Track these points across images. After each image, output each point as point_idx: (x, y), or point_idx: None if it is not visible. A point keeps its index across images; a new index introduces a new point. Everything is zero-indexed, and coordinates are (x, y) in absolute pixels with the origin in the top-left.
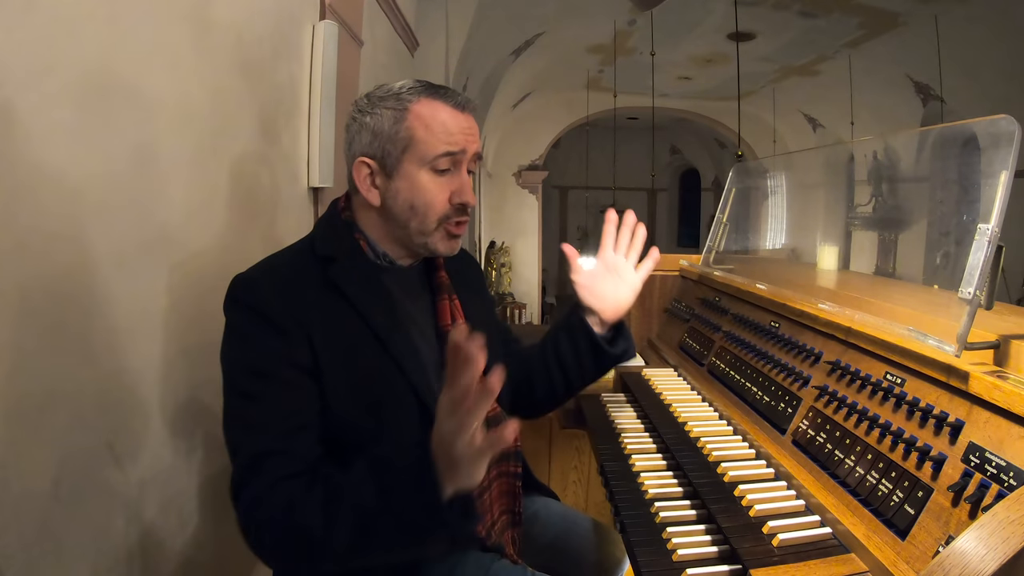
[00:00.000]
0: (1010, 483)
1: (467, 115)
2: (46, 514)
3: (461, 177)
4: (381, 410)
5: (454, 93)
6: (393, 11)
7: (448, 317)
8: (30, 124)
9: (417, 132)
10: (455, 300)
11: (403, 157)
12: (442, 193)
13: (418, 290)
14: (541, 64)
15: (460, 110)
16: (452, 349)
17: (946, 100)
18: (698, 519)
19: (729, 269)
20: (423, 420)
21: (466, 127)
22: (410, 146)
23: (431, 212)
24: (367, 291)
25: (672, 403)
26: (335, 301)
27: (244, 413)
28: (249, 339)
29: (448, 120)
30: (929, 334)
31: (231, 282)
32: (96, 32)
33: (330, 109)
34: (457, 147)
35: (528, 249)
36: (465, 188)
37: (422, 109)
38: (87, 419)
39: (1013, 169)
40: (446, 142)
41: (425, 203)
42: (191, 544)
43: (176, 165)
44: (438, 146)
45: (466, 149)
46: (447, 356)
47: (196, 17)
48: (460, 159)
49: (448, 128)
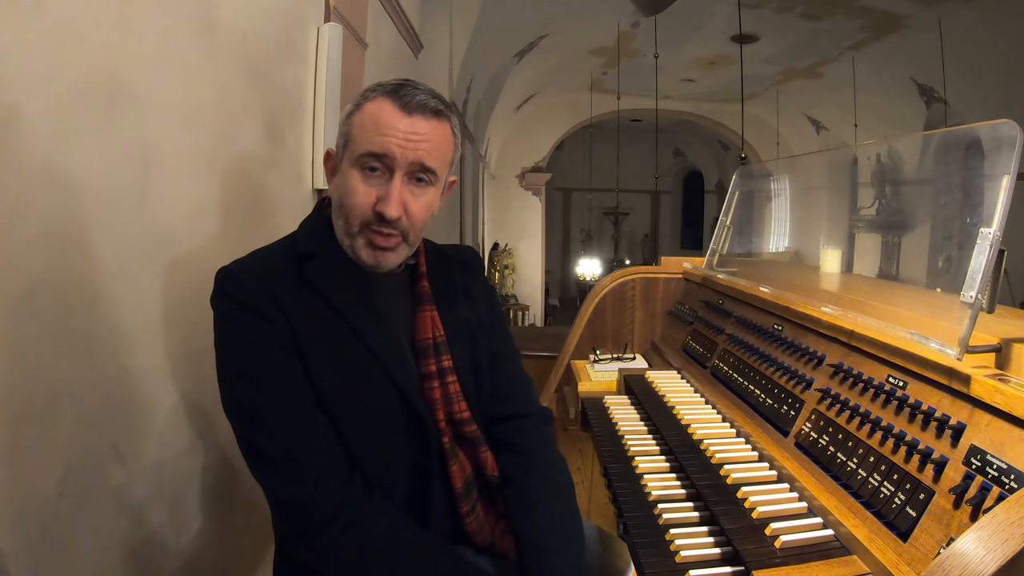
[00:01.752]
0: (1011, 485)
1: (416, 119)
2: (51, 514)
3: (390, 184)
4: (362, 404)
5: (412, 93)
6: (397, 13)
7: (428, 330)
8: (36, 127)
9: (354, 129)
10: (434, 312)
11: (344, 153)
12: (366, 196)
13: (398, 298)
14: (545, 66)
15: (406, 112)
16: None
17: (950, 102)
18: (701, 521)
19: (732, 272)
20: (407, 418)
21: (407, 131)
22: (348, 142)
23: (352, 214)
24: (342, 287)
25: (675, 405)
26: (312, 298)
27: (246, 400)
28: (239, 334)
29: (384, 120)
30: (931, 337)
31: (216, 275)
32: (102, 35)
33: (334, 111)
34: (379, 149)
35: (531, 251)
36: (389, 196)
37: (369, 106)
38: (92, 420)
39: (1015, 173)
40: (370, 141)
41: (348, 203)
42: (195, 544)
43: (181, 167)
44: (363, 144)
45: (391, 153)
46: None
47: (201, 20)
48: (389, 164)
49: (380, 128)
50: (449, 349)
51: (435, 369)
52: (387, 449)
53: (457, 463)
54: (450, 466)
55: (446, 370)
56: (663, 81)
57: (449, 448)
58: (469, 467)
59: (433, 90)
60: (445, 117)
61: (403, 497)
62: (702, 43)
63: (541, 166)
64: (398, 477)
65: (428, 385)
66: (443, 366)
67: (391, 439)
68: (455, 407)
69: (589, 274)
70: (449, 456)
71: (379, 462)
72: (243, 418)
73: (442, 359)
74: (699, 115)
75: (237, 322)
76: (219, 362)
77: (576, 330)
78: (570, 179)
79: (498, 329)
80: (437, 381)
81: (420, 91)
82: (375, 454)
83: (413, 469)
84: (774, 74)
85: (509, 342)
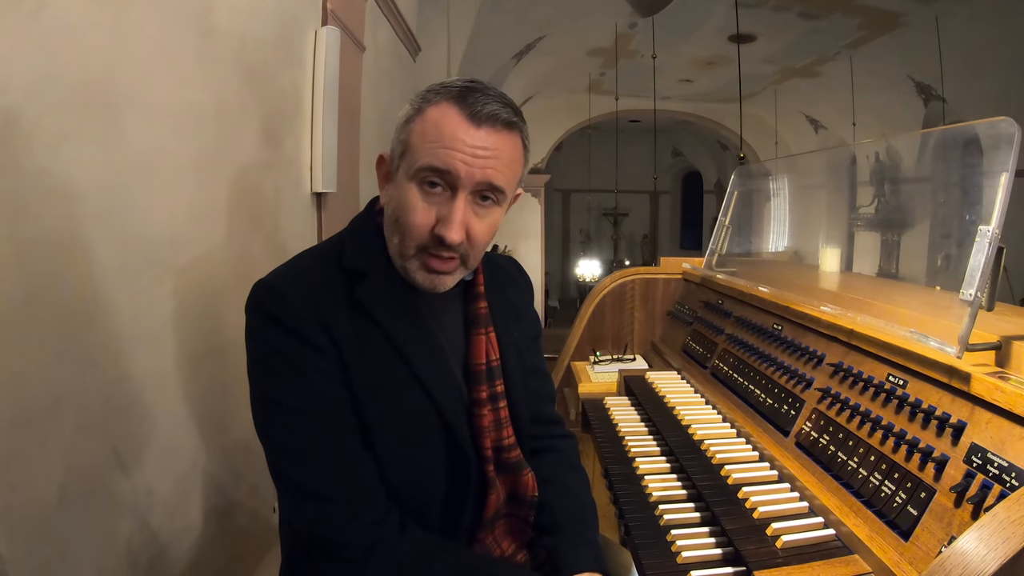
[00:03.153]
0: (1012, 483)
1: (486, 131)
2: (53, 519)
3: (453, 204)
4: (405, 434)
5: (483, 100)
6: (395, 16)
7: (483, 355)
8: (34, 132)
9: (413, 137)
10: (491, 334)
11: (400, 163)
12: (425, 215)
13: (450, 317)
14: (543, 68)
15: (475, 123)
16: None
17: (948, 100)
18: (702, 522)
19: (732, 272)
20: (449, 450)
21: (474, 145)
22: (406, 151)
23: (408, 234)
24: (396, 312)
25: (676, 406)
26: (364, 322)
27: (284, 431)
28: (281, 359)
29: (449, 130)
30: (931, 336)
31: (254, 288)
32: (100, 40)
33: (332, 114)
34: (443, 164)
35: (531, 252)
36: (450, 219)
37: (432, 112)
38: (93, 425)
39: (1013, 171)
40: (432, 155)
41: (405, 222)
42: (195, 549)
43: (179, 171)
44: (423, 156)
45: (455, 170)
46: None
47: (199, 24)
48: (452, 181)
49: (443, 140)
50: (502, 373)
51: (487, 396)
52: (425, 482)
53: (495, 492)
54: (488, 495)
55: (498, 395)
56: (661, 81)
57: (492, 477)
58: (503, 495)
59: (504, 95)
60: (517, 129)
61: (432, 525)
62: (700, 43)
63: (540, 167)
64: (432, 508)
65: (479, 412)
66: (496, 391)
67: (432, 473)
68: (504, 433)
69: (589, 275)
70: (489, 486)
71: (416, 495)
72: (277, 447)
73: (495, 384)
74: (697, 115)
75: (281, 347)
76: (254, 382)
77: (576, 331)
78: (569, 180)
79: (539, 345)
80: (489, 407)
81: (491, 97)
82: (413, 487)
83: (447, 499)
84: (772, 73)
85: (543, 358)
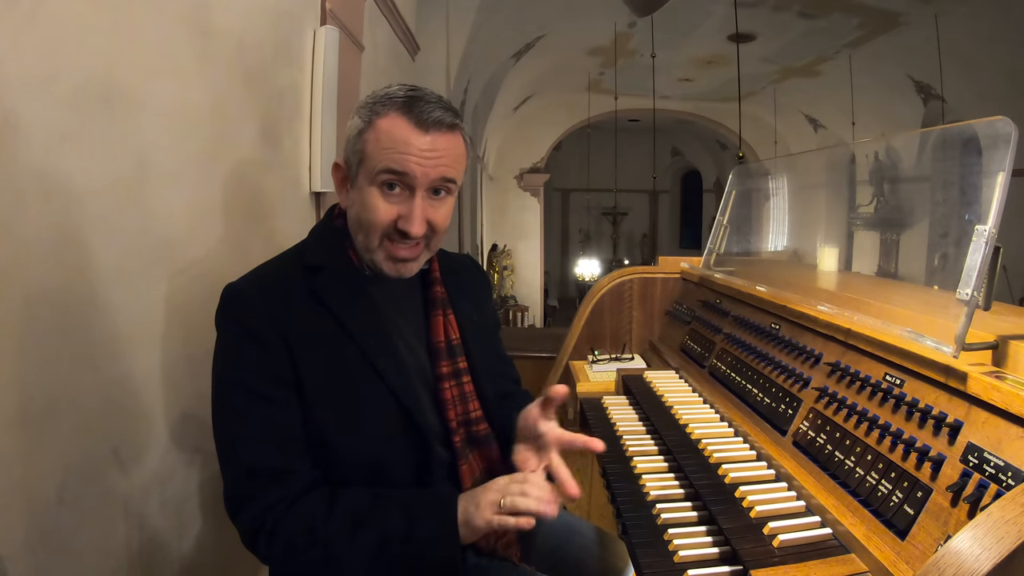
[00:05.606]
0: (1008, 483)
1: (433, 135)
2: (51, 519)
3: (412, 202)
4: (361, 416)
5: (428, 108)
6: (394, 15)
7: (441, 332)
8: (33, 132)
9: (368, 146)
10: (450, 315)
11: (359, 170)
12: (387, 213)
13: (409, 303)
14: (542, 67)
15: (422, 129)
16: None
17: (947, 99)
18: (699, 520)
19: (730, 271)
20: (406, 427)
21: (423, 148)
22: (363, 159)
23: (372, 230)
24: (349, 301)
25: (673, 405)
26: (318, 311)
27: (234, 426)
28: (235, 352)
29: (401, 137)
30: (927, 335)
31: (222, 291)
32: (98, 40)
33: (331, 114)
34: (399, 167)
35: (530, 252)
36: (411, 215)
37: (383, 123)
38: (91, 425)
39: (1010, 170)
40: (389, 159)
41: (368, 220)
42: (194, 548)
43: (178, 171)
44: (380, 162)
45: (411, 172)
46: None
47: (197, 24)
48: (408, 181)
49: (396, 146)
50: (465, 351)
51: (449, 371)
52: (386, 458)
53: (467, 463)
54: (460, 466)
55: (461, 371)
56: (660, 81)
57: (460, 448)
58: (479, 468)
59: (443, 99)
60: (459, 128)
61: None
62: (699, 42)
63: (539, 167)
64: (403, 483)
65: (441, 386)
66: (458, 367)
67: (391, 449)
68: (470, 406)
69: (588, 274)
70: (460, 456)
71: (377, 470)
72: (216, 429)
73: (458, 360)
74: (697, 114)
75: (235, 343)
76: (215, 383)
77: (574, 331)
78: (568, 180)
79: (498, 335)
80: (453, 381)
81: (432, 104)
82: (374, 462)
83: (417, 473)
84: (771, 73)
85: (503, 346)
